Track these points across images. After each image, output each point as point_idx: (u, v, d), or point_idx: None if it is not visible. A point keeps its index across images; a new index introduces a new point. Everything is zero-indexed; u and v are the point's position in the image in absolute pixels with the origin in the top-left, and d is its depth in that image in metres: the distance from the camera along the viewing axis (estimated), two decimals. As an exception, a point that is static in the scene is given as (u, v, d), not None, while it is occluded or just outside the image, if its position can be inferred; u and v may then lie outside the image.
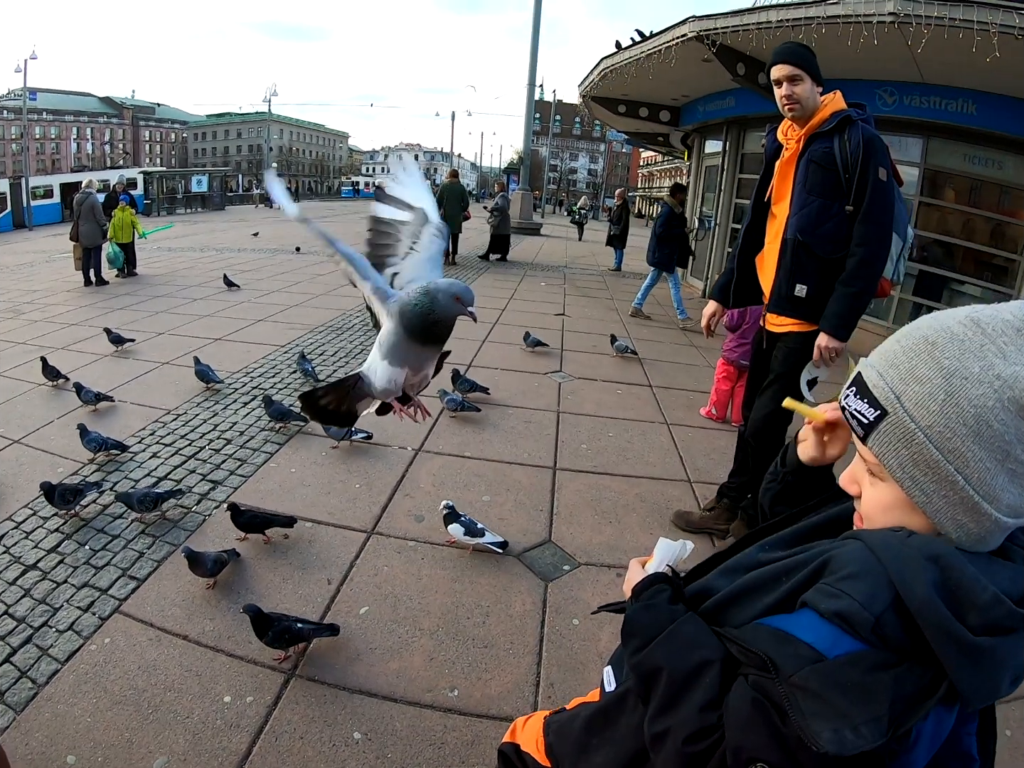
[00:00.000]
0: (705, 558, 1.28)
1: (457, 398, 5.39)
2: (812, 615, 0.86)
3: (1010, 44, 6.32)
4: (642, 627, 1.08)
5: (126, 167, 54.89)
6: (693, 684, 0.96)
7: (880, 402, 0.90)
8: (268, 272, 12.91)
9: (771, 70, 3.14)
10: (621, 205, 17.43)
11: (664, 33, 10.37)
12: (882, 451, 0.90)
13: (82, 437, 4.29)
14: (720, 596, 1.07)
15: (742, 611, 1.01)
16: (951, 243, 9.43)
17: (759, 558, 1.11)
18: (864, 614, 0.81)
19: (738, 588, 1.05)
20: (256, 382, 6.02)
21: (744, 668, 0.92)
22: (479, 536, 3.50)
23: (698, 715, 0.93)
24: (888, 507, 0.94)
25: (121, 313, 9.09)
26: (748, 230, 3.58)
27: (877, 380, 0.92)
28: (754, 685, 0.88)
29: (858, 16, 7.17)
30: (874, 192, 2.99)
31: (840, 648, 0.82)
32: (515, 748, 1.46)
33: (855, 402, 0.95)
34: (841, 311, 3.09)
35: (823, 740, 0.77)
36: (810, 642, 0.84)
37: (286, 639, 2.65)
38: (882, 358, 0.94)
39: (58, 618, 2.87)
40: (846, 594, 0.83)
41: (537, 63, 23.16)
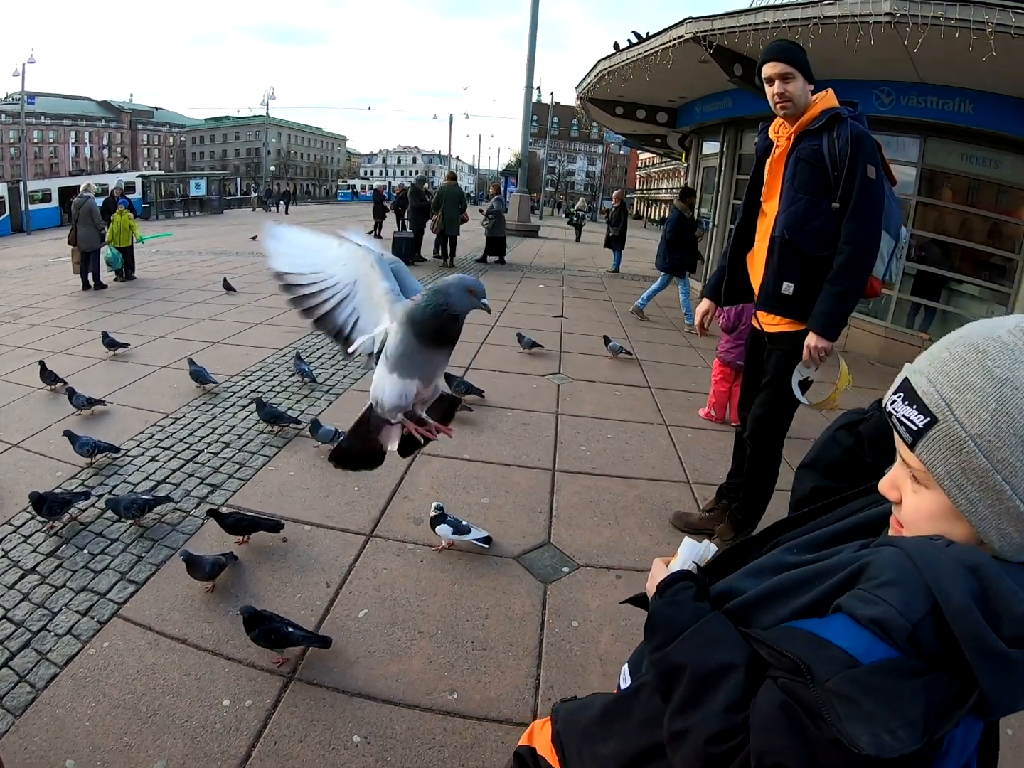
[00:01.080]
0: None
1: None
2: (847, 620, 0.85)
3: (1007, 43, 6.32)
4: (666, 623, 1.06)
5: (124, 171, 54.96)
6: (717, 683, 0.94)
7: (930, 409, 0.89)
8: (265, 275, 12.82)
9: (762, 68, 3.13)
10: (619, 207, 17.41)
11: (661, 35, 10.39)
12: (930, 459, 0.89)
13: (73, 443, 4.27)
14: (747, 597, 1.06)
15: (770, 613, 1.00)
16: (949, 243, 9.43)
17: (786, 560, 1.10)
18: (901, 621, 0.80)
19: (767, 590, 1.03)
20: (254, 385, 6.02)
21: (772, 671, 0.91)
22: (466, 533, 3.53)
23: (722, 715, 0.92)
24: (931, 515, 0.93)
25: (119, 317, 9.09)
26: (739, 228, 3.58)
27: (927, 387, 0.90)
28: (784, 688, 0.87)
29: (855, 16, 7.18)
30: (862, 189, 2.97)
31: (875, 654, 0.81)
32: (531, 751, 1.44)
33: (903, 408, 0.93)
34: (829, 310, 3.07)
35: (863, 742, 0.77)
36: (845, 647, 0.83)
37: (271, 639, 2.65)
38: (931, 365, 0.93)
39: (56, 622, 2.87)
40: (884, 601, 0.82)
41: (535, 66, 23.15)
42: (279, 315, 9.10)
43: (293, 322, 8.61)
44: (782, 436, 3.47)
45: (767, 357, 3.41)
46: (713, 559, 1.25)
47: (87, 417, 5.16)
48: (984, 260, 9.18)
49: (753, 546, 1.25)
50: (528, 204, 27.73)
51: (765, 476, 3.55)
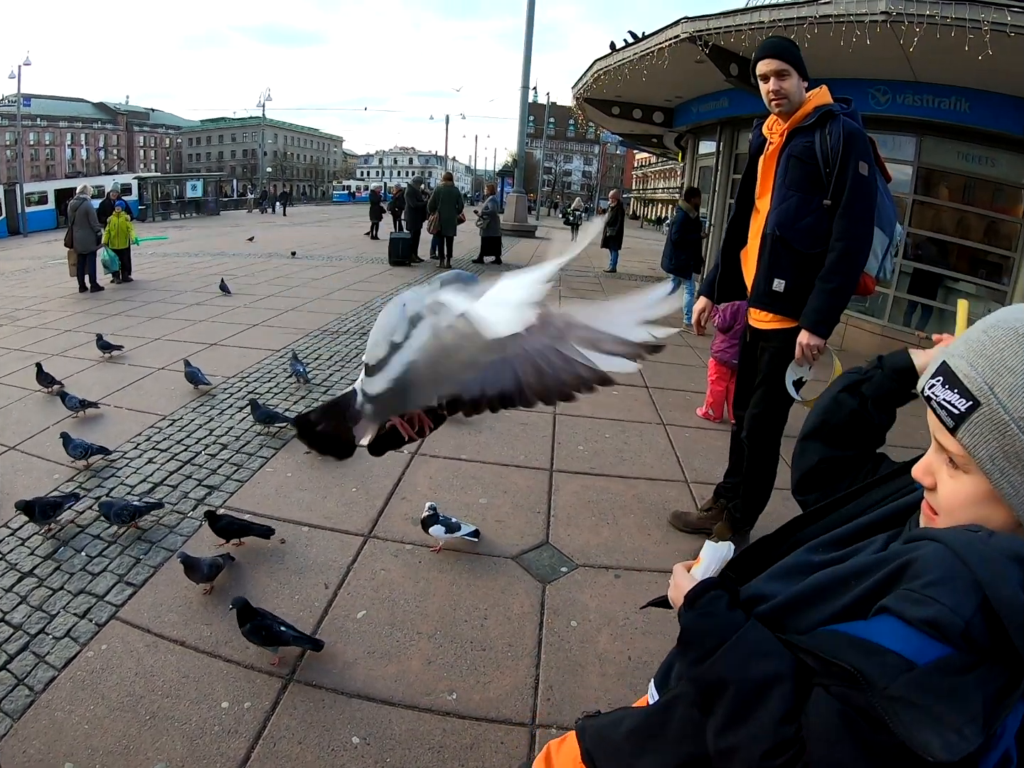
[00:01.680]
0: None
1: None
2: (895, 622, 0.84)
3: (1003, 42, 6.33)
4: (701, 637, 1.03)
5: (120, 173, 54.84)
6: (765, 696, 0.92)
7: (972, 392, 0.89)
8: (263, 277, 12.89)
9: (757, 65, 3.12)
10: (616, 207, 17.41)
11: (657, 35, 10.39)
12: (973, 442, 0.89)
13: (65, 445, 4.26)
14: (780, 601, 1.04)
15: (806, 616, 0.99)
16: (945, 241, 9.44)
17: (812, 560, 1.09)
18: (955, 619, 0.79)
19: (801, 592, 1.02)
20: (252, 387, 6.01)
21: (820, 678, 0.89)
22: (456, 531, 3.54)
23: (775, 729, 0.90)
24: (971, 500, 0.92)
25: (116, 319, 9.08)
26: (733, 225, 3.59)
27: (968, 370, 0.90)
28: (839, 697, 0.85)
29: (850, 15, 7.20)
30: (854, 186, 2.97)
31: (929, 654, 0.80)
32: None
33: (944, 392, 0.93)
34: (820, 307, 3.07)
35: (934, 748, 0.76)
36: (898, 651, 0.82)
37: (262, 635, 2.65)
38: (970, 348, 0.92)
39: (54, 625, 2.86)
40: (935, 600, 0.81)
41: (531, 66, 23.21)
42: (275, 316, 9.11)
43: (290, 323, 8.63)
44: (779, 434, 3.47)
45: (760, 355, 3.41)
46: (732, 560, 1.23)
47: (82, 420, 5.15)
48: (980, 258, 9.20)
49: (771, 544, 1.24)
50: (524, 204, 27.70)
51: (764, 475, 3.55)
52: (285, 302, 10.19)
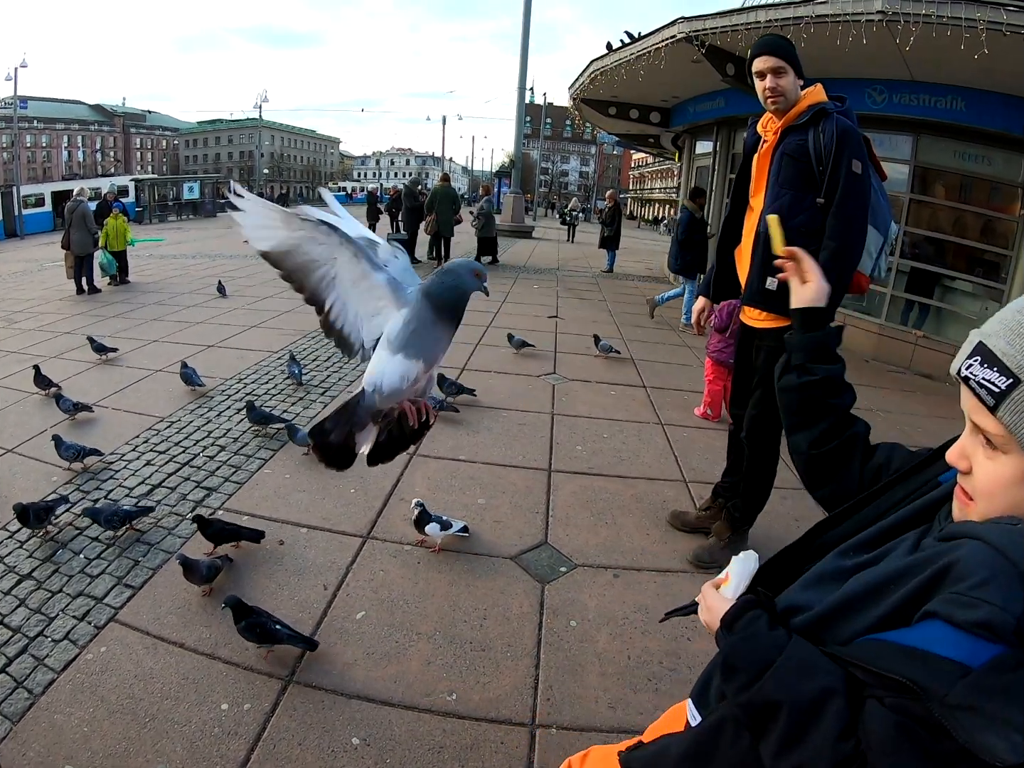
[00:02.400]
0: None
1: (438, 397, 5.41)
2: (944, 627, 0.83)
3: (999, 41, 6.35)
4: (746, 662, 1.00)
5: (117, 175, 54.75)
6: (819, 714, 0.90)
7: (1012, 370, 0.88)
8: (260, 278, 12.86)
9: (753, 62, 3.12)
10: (613, 207, 17.42)
11: (653, 35, 10.42)
12: (1014, 420, 0.88)
13: (58, 447, 4.24)
14: (817, 612, 1.03)
15: (845, 626, 0.98)
16: (942, 240, 9.48)
17: (844, 565, 1.08)
18: (1006, 617, 0.79)
19: (837, 602, 1.01)
20: (249, 388, 6.01)
21: (872, 690, 0.88)
22: (450, 528, 3.57)
23: (834, 746, 0.88)
24: (1011, 481, 0.91)
25: (114, 321, 9.08)
26: (727, 223, 3.60)
27: (1007, 348, 0.90)
28: (895, 709, 0.85)
29: (846, 15, 7.22)
30: (847, 184, 2.97)
31: (982, 656, 0.80)
32: None
33: (983, 371, 0.92)
34: None
35: (1000, 751, 0.75)
36: (952, 657, 0.81)
37: (256, 633, 2.66)
38: (1005, 327, 0.92)
39: (53, 627, 2.86)
40: (985, 602, 0.80)
41: (527, 67, 23.21)
42: (273, 318, 9.12)
43: (288, 325, 8.63)
44: (779, 434, 3.46)
45: (756, 354, 3.41)
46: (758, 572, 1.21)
47: (80, 423, 5.14)
48: (977, 257, 9.22)
49: (796, 551, 1.23)
50: (522, 205, 27.72)
51: (764, 475, 3.55)
52: (283, 303, 10.17)
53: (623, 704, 2.62)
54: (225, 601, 2.72)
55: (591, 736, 2.46)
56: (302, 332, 8.17)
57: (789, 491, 4.50)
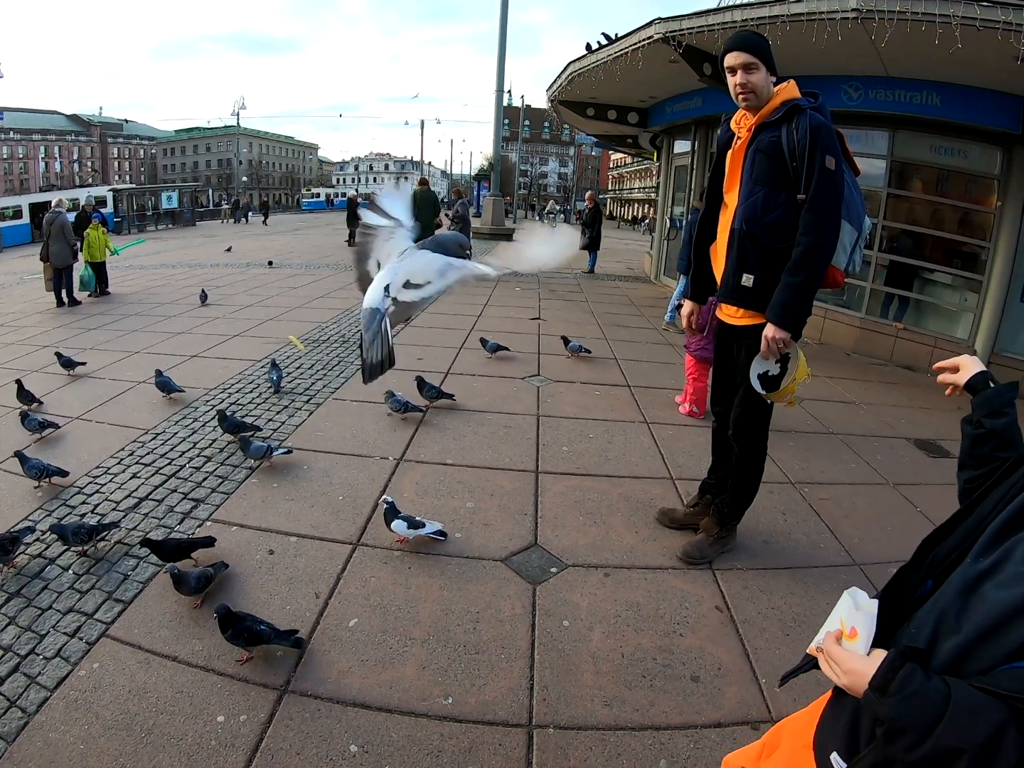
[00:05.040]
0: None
1: (401, 399, 5.45)
2: None
3: (972, 36, 6.42)
4: (916, 721, 0.98)
5: (95, 185, 54.37)
6: (997, 750, 0.92)
7: None
8: (242, 287, 12.84)
9: (725, 58, 3.12)
10: (593, 208, 17.45)
11: (630, 36, 10.45)
12: None
13: (22, 464, 4.18)
14: (959, 644, 1.05)
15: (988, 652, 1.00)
16: (920, 233, 9.58)
17: (977, 569, 1.10)
18: None
19: (977, 632, 1.03)
20: (234, 398, 5.99)
21: None
22: (421, 528, 3.59)
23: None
24: None
25: (95, 333, 9.02)
26: (703, 221, 3.60)
27: None
28: None
29: (821, 13, 7.27)
30: (820, 180, 2.97)
31: None
32: None
33: None
34: (785, 301, 3.06)
35: None
36: None
37: (244, 637, 2.68)
38: None
39: (45, 645, 2.84)
40: None
41: (505, 69, 23.23)
42: (256, 326, 9.08)
43: (272, 333, 8.60)
44: (766, 431, 3.49)
45: (737, 353, 3.42)
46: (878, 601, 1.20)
47: (63, 436, 5.11)
48: (955, 249, 9.32)
49: (908, 572, 1.25)
50: (502, 207, 27.69)
51: (752, 472, 3.57)
52: (265, 311, 10.15)
53: (619, 702, 2.64)
54: (215, 611, 2.72)
55: (589, 735, 2.47)
56: (285, 340, 8.14)
57: (776, 485, 4.55)
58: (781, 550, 3.86)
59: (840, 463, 5.26)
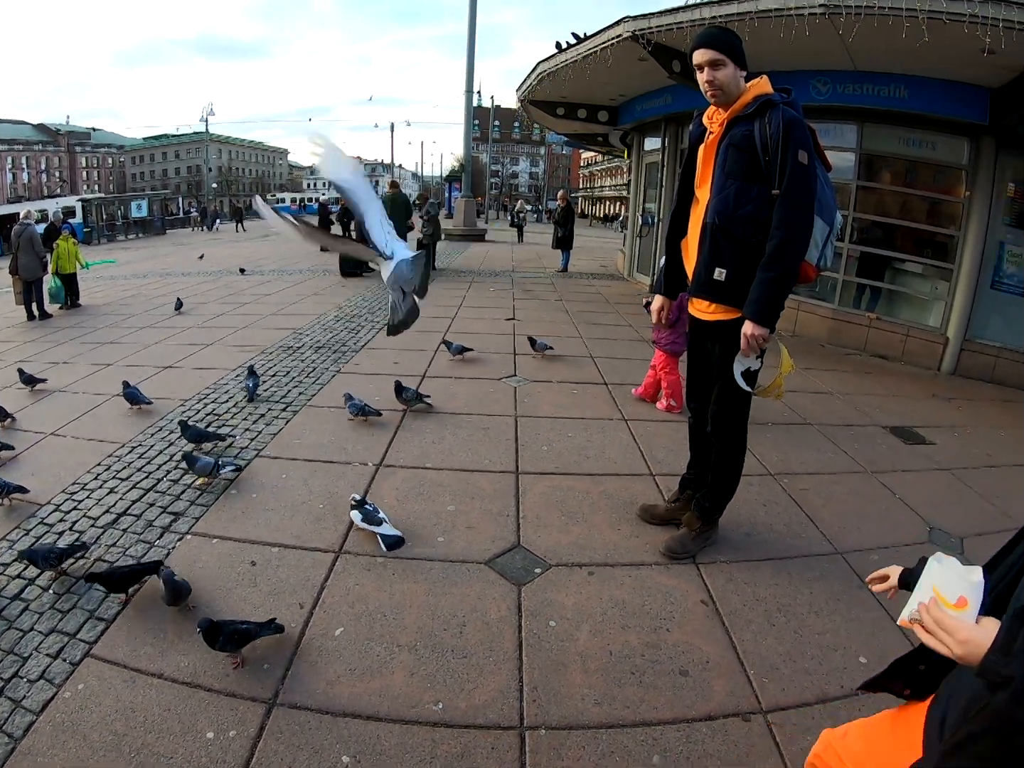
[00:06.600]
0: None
1: (359, 403, 5.49)
2: None
3: (939, 29, 6.51)
4: None
5: (64, 195, 53.69)
6: None
7: None
8: (215, 295, 12.73)
9: (692, 55, 3.14)
10: (565, 207, 17.45)
11: (599, 34, 10.47)
12: None
13: None
14: None
15: None
16: (891, 224, 9.70)
17: None
18: None
19: None
20: (210, 408, 5.93)
21: None
22: (375, 525, 3.68)
23: None
24: None
25: (67, 346, 8.90)
26: (674, 216, 3.61)
27: None
28: None
29: (790, 9, 7.33)
30: (793, 175, 2.99)
31: None
32: None
33: None
34: (761, 297, 3.07)
35: None
36: None
37: (236, 640, 2.69)
38: None
39: (28, 667, 2.79)
40: None
41: (474, 70, 23.33)
42: (230, 334, 9.01)
43: (247, 341, 8.53)
44: (745, 426, 3.51)
45: (712, 348, 3.44)
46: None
47: (35, 453, 5.02)
48: (926, 239, 9.46)
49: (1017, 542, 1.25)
50: (473, 208, 27.74)
51: (733, 466, 3.59)
52: (239, 319, 10.07)
53: (609, 699, 2.65)
54: (199, 625, 2.70)
55: (581, 734, 2.48)
56: (260, 348, 8.09)
57: (756, 477, 4.60)
58: (763, 542, 3.90)
59: (818, 453, 5.32)
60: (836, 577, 3.59)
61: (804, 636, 3.09)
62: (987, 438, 6.16)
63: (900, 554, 3.80)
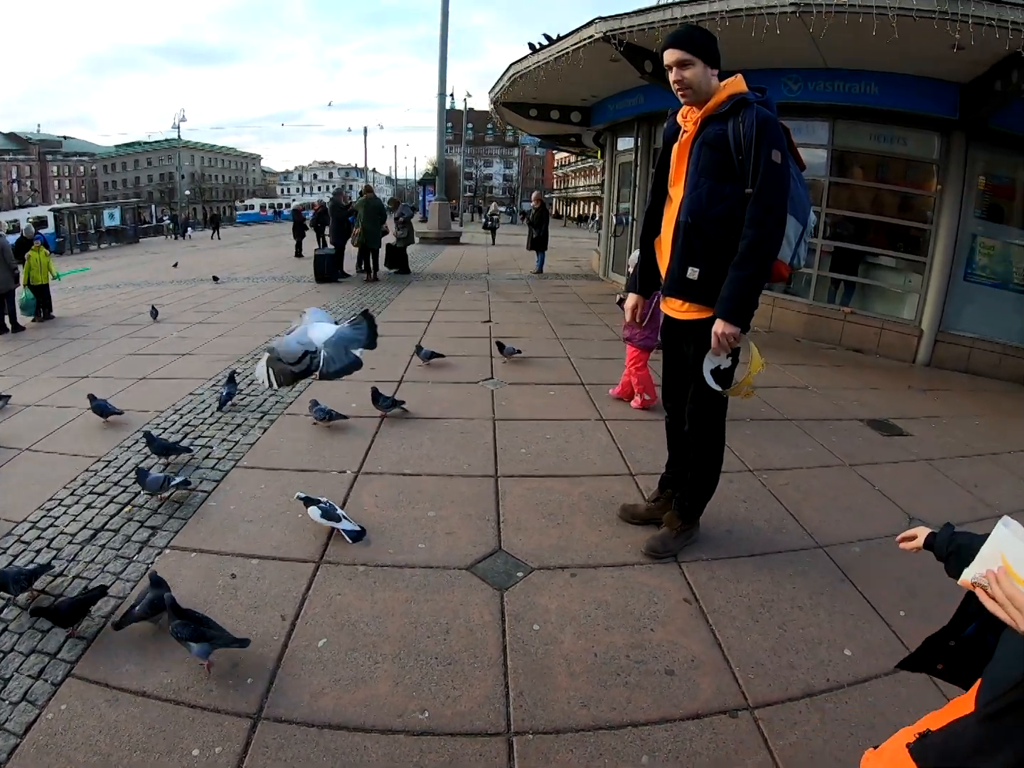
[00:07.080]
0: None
1: (324, 408, 5.52)
2: None
3: (909, 26, 6.61)
4: None
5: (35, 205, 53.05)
6: None
7: None
8: (189, 304, 12.62)
9: (662, 55, 3.15)
10: (539, 208, 17.43)
11: (571, 36, 10.50)
12: None
13: None
14: None
15: None
16: (863, 219, 9.81)
17: None
18: None
19: None
20: (187, 419, 5.87)
21: None
22: (335, 521, 3.75)
23: None
24: None
25: (40, 359, 8.78)
26: (648, 215, 3.62)
27: None
28: None
29: (760, 8, 7.39)
30: (766, 174, 2.99)
31: None
32: None
33: None
34: (733, 295, 3.08)
35: None
36: None
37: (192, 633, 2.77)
38: None
39: (9, 689, 2.74)
40: None
41: (447, 72, 23.33)
42: (204, 344, 8.94)
43: (221, 350, 8.47)
44: (722, 424, 3.53)
45: (687, 348, 3.44)
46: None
47: (11, 469, 4.96)
48: (899, 233, 9.59)
49: None
50: (448, 211, 27.70)
51: (712, 464, 3.61)
52: (213, 329, 9.99)
53: (595, 701, 2.66)
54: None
55: (569, 737, 2.49)
56: (235, 357, 8.03)
57: (735, 474, 4.62)
58: (744, 538, 3.92)
59: (796, 448, 5.36)
60: (818, 571, 3.63)
61: (788, 631, 3.11)
62: (963, 428, 6.24)
63: (881, 546, 3.84)
